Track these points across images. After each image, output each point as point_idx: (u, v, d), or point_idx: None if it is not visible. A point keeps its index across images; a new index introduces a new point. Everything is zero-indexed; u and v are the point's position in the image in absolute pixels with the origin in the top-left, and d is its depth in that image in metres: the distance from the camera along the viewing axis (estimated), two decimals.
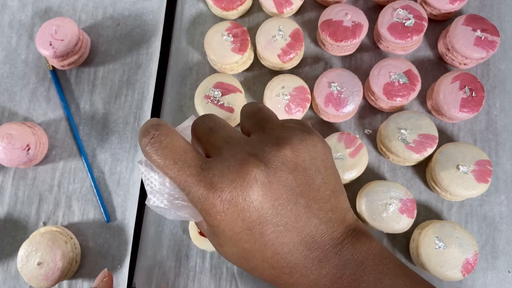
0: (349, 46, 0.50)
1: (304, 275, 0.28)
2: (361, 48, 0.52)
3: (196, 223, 0.32)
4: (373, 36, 0.53)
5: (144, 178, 0.31)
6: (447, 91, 0.47)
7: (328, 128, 0.51)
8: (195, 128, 0.31)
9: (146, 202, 0.31)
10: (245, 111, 0.33)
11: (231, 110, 0.48)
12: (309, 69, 0.52)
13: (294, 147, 0.28)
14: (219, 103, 0.48)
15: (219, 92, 0.48)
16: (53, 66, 0.54)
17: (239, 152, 0.28)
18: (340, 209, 0.30)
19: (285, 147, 0.28)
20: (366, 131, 0.51)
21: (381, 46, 0.52)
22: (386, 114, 0.50)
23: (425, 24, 0.48)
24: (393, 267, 0.29)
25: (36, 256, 0.45)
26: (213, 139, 0.30)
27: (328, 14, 0.49)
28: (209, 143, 0.30)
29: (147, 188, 0.30)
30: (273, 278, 0.29)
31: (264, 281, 0.31)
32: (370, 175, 0.49)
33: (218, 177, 0.27)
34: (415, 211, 0.45)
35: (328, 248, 0.28)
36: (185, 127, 0.33)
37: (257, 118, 0.31)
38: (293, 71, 0.52)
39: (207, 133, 0.30)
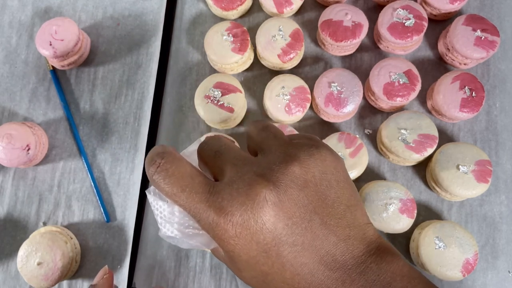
0: (349, 46, 0.50)
1: None
2: (361, 48, 0.52)
3: (212, 251, 0.31)
4: (373, 36, 0.53)
5: (153, 208, 0.30)
6: (447, 91, 0.47)
7: (328, 128, 0.51)
8: (200, 151, 0.30)
9: (159, 234, 0.30)
10: (250, 130, 0.33)
11: (231, 110, 0.48)
12: (309, 69, 0.52)
13: (303, 163, 0.27)
14: (219, 103, 0.48)
15: (219, 92, 0.48)
16: (53, 66, 0.54)
17: (246, 173, 0.27)
18: (358, 224, 0.28)
19: (293, 163, 0.27)
20: (366, 131, 0.51)
21: (381, 46, 0.52)
22: (386, 114, 0.50)
23: (425, 24, 0.48)
24: None
25: (36, 256, 0.45)
26: (220, 162, 0.29)
27: (328, 14, 0.49)
28: (216, 166, 0.29)
29: (157, 218, 0.30)
30: None
31: None
32: (370, 175, 0.49)
33: (227, 200, 0.26)
34: (415, 211, 0.45)
35: (350, 268, 0.27)
36: (191, 152, 0.32)
37: (263, 137, 0.31)
38: (293, 71, 0.52)
39: (213, 156, 0.30)
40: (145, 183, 0.51)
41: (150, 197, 0.30)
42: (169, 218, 0.29)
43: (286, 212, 0.26)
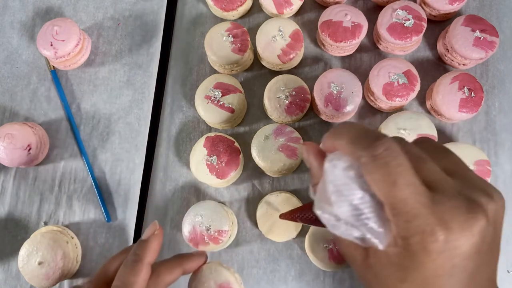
0: (349, 47, 0.50)
1: None
2: (360, 49, 0.52)
3: (349, 249, 0.30)
4: (372, 37, 0.53)
5: (332, 183, 0.28)
6: (446, 91, 0.47)
7: (328, 128, 0.51)
8: (403, 148, 0.29)
9: (320, 210, 0.29)
10: (433, 146, 0.32)
11: (231, 110, 0.48)
12: (309, 69, 0.53)
13: (497, 203, 0.28)
14: (219, 103, 0.48)
15: (219, 92, 0.48)
16: (54, 67, 0.54)
17: (460, 194, 0.28)
18: (496, 271, 0.31)
19: (492, 201, 0.28)
20: None
21: (380, 47, 0.52)
22: (386, 114, 0.51)
23: (425, 24, 0.48)
24: None
25: (37, 255, 0.45)
26: (427, 170, 0.28)
27: (328, 14, 0.49)
28: (423, 173, 0.28)
29: (334, 194, 0.28)
30: None
31: None
32: None
33: (449, 215, 0.26)
34: None
35: None
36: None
37: (453, 161, 0.31)
38: (293, 71, 0.52)
39: (416, 160, 0.29)
40: (145, 183, 0.52)
41: (334, 170, 0.28)
42: (350, 201, 0.28)
43: (483, 245, 0.27)
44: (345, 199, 0.28)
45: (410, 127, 0.46)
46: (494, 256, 0.29)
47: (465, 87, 0.47)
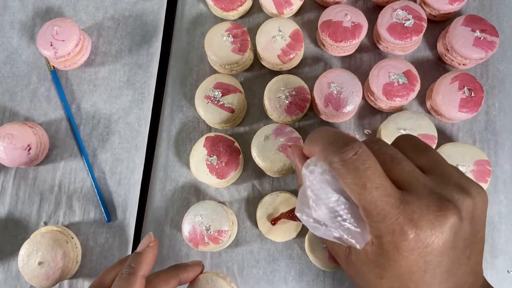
0: (349, 47, 0.50)
1: None
2: (360, 49, 0.52)
3: (333, 247, 0.31)
4: (372, 37, 0.53)
5: (310, 188, 0.29)
6: (446, 91, 0.47)
7: None
8: (375, 151, 0.30)
9: (300, 215, 0.30)
10: (412, 143, 0.33)
11: (231, 110, 0.48)
12: (309, 69, 0.53)
13: (474, 199, 0.29)
14: (219, 103, 0.48)
15: (219, 92, 0.48)
16: (54, 67, 0.54)
17: (432, 192, 0.28)
18: (481, 263, 0.31)
19: (469, 197, 0.28)
20: (365, 131, 0.51)
21: (380, 47, 0.52)
22: (386, 114, 0.51)
23: (425, 24, 0.48)
24: None
25: (37, 255, 0.45)
26: (400, 171, 0.29)
27: (328, 14, 0.49)
28: (395, 174, 0.29)
29: (312, 198, 0.29)
30: None
31: None
32: None
33: (418, 215, 0.27)
34: None
35: None
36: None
37: (431, 157, 0.31)
38: (293, 71, 0.52)
39: (390, 161, 0.30)
40: (145, 183, 0.52)
41: (311, 176, 0.29)
42: (327, 205, 0.29)
43: (457, 241, 0.28)
44: (322, 202, 0.29)
45: (410, 127, 0.46)
46: (475, 250, 0.30)
47: (465, 87, 0.47)
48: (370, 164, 0.28)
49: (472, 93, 0.46)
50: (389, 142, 0.47)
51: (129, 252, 0.49)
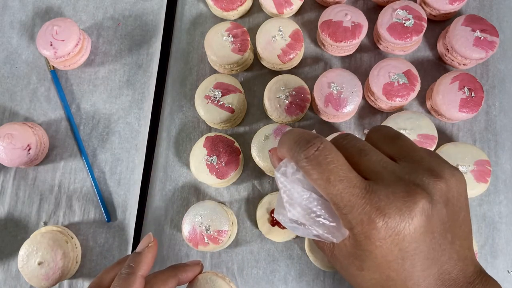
0: (349, 47, 0.50)
1: None
2: (360, 49, 0.52)
3: (318, 243, 0.31)
4: (372, 37, 0.53)
5: (282, 189, 0.30)
6: (447, 91, 0.47)
7: (328, 128, 0.51)
8: (341, 147, 0.30)
9: (278, 216, 0.30)
10: (382, 134, 0.33)
11: (231, 110, 0.48)
12: (309, 69, 0.53)
13: (447, 181, 0.28)
14: (219, 103, 0.48)
15: (219, 92, 0.48)
16: (53, 66, 0.54)
17: (400, 179, 0.28)
18: (472, 248, 0.31)
19: (440, 180, 0.28)
20: (365, 131, 0.51)
21: (380, 47, 0.52)
22: (386, 114, 0.51)
23: (425, 24, 0.48)
24: None
25: (37, 255, 0.45)
26: (367, 162, 0.29)
27: (328, 14, 0.49)
28: (363, 165, 0.29)
29: (285, 199, 0.30)
30: None
31: None
32: None
33: (385, 202, 0.27)
34: None
35: (461, 285, 0.29)
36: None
37: (401, 145, 0.31)
38: (293, 71, 0.52)
39: (357, 154, 0.30)
40: (145, 183, 0.52)
41: (281, 177, 0.30)
42: (300, 203, 0.29)
43: (432, 226, 0.27)
44: (295, 202, 0.30)
45: (410, 127, 0.46)
46: (458, 234, 0.29)
47: (465, 87, 0.46)
48: (333, 157, 0.28)
49: (472, 93, 0.46)
50: None
51: (129, 252, 0.49)
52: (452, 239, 0.29)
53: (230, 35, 0.50)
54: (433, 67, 0.52)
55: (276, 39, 0.49)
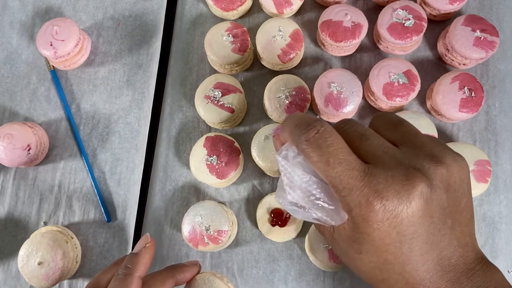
0: (349, 47, 0.50)
1: None
2: (360, 49, 0.52)
3: (319, 227, 0.32)
4: (372, 37, 0.53)
5: (283, 172, 0.30)
6: (447, 91, 0.47)
7: None
8: (342, 132, 0.30)
9: (278, 200, 0.30)
10: (385, 120, 0.33)
11: (231, 110, 0.48)
12: (309, 69, 0.53)
13: (449, 167, 0.28)
14: (219, 103, 0.48)
15: (219, 92, 0.48)
16: (53, 66, 0.54)
17: (400, 163, 0.28)
18: (473, 235, 0.31)
19: (442, 165, 0.28)
20: None
21: (380, 47, 0.52)
22: None
23: (425, 24, 0.48)
24: None
25: (37, 255, 0.45)
26: (368, 146, 0.29)
27: (328, 14, 0.49)
28: (364, 149, 0.29)
29: (285, 182, 0.30)
30: None
31: None
32: None
33: (383, 185, 0.27)
34: None
35: (461, 271, 0.29)
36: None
37: (403, 131, 0.31)
38: (293, 71, 0.52)
39: (358, 138, 0.30)
40: (145, 183, 0.52)
41: (282, 160, 0.30)
42: (300, 186, 0.30)
43: (431, 211, 0.27)
44: (295, 185, 0.30)
45: None
46: (460, 220, 0.29)
47: (466, 87, 0.46)
48: (333, 140, 0.28)
49: (473, 93, 0.46)
50: None
51: (129, 252, 0.49)
52: (452, 224, 0.29)
53: (230, 35, 0.50)
54: (433, 67, 0.52)
55: (276, 39, 0.49)
